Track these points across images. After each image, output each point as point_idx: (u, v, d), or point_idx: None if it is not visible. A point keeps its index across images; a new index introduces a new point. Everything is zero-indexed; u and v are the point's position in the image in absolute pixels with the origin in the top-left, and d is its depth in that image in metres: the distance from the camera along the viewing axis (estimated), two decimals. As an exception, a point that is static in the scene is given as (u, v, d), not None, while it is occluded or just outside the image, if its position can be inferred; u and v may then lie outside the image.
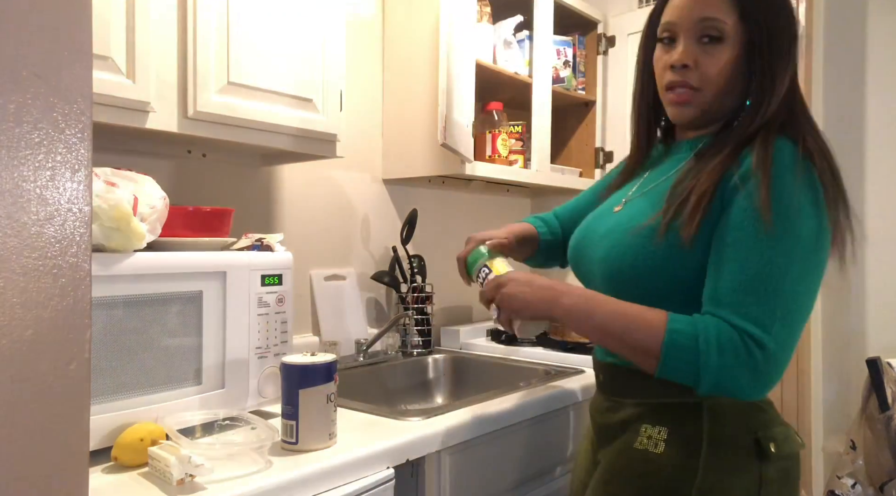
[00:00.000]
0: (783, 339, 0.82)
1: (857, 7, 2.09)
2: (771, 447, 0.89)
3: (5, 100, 0.48)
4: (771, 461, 0.89)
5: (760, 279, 0.82)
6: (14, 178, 0.49)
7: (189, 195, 1.46)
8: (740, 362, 0.81)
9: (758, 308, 0.82)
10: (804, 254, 0.83)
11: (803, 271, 0.83)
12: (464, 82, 1.66)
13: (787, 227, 0.82)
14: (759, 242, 0.83)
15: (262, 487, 0.88)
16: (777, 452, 0.89)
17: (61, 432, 0.52)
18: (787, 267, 0.82)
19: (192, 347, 1.08)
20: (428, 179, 2.03)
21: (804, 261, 0.83)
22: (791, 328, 0.82)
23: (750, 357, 0.81)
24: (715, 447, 0.89)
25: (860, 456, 1.85)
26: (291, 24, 1.30)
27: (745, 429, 0.90)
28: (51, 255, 0.51)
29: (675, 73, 0.94)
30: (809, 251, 0.83)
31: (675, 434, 0.92)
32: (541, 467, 1.40)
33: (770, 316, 0.81)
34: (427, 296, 1.88)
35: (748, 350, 0.81)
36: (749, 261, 0.83)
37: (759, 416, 0.92)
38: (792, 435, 0.94)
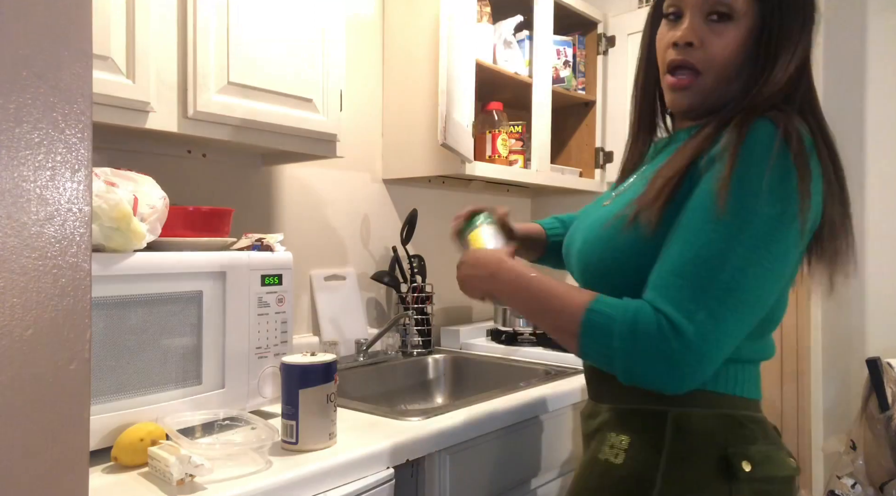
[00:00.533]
0: (708, 330, 0.73)
1: (857, 7, 2.09)
2: (743, 466, 0.80)
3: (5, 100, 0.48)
4: (743, 482, 0.79)
5: (697, 263, 0.74)
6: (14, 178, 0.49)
7: (189, 195, 1.46)
8: (652, 348, 0.73)
9: (685, 292, 0.74)
10: (754, 242, 0.74)
11: (751, 260, 0.74)
12: (464, 82, 1.66)
13: (740, 211, 0.74)
14: (706, 224, 0.75)
15: (262, 487, 0.88)
16: (752, 473, 0.80)
17: (61, 432, 0.52)
18: (728, 253, 0.73)
19: (192, 347, 1.08)
20: (428, 179, 2.03)
21: (753, 249, 0.74)
22: (722, 319, 0.73)
23: (664, 343, 0.73)
24: (676, 461, 0.81)
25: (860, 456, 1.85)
26: (291, 24, 1.30)
27: (713, 444, 0.81)
28: (51, 255, 0.51)
29: (679, 51, 0.86)
30: (762, 239, 0.74)
31: (636, 443, 0.85)
32: (541, 467, 1.40)
33: (696, 302, 0.73)
34: (427, 296, 1.88)
35: (663, 335, 0.73)
36: (691, 243, 0.75)
37: (735, 431, 0.82)
38: (780, 457, 0.84)
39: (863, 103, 2.09)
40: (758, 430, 0.84)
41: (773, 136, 0.76)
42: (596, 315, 0.78)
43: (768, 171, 0.74)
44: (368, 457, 1.02)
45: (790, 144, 0.75)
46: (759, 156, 0.75)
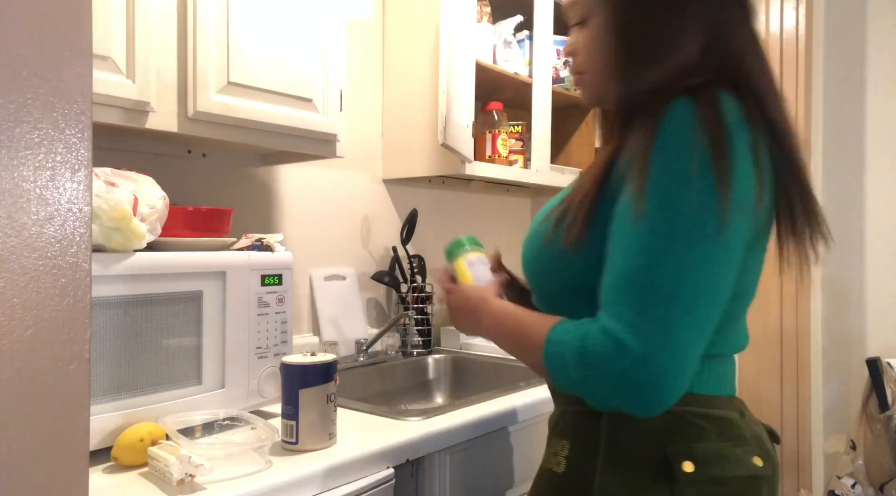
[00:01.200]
0: (659, 341, 0.66)
1: (857, 7, 2.09)
2: (684, 467, 0.73)
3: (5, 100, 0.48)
4: (685, 484, 0.72)
5: (634, 273, 0.69)
6: (14, 178, 0.49)
7: (189, 195, 1.46)
8: (605, 371, 0.68)
9: (628, 306, 0.68)
10: (688, 238, 0.68)
11: (689, 258, 0.67)
12: (464, 82, 1.66)
13: (664, 210, 0.68)
14: (635, 230, 0.69)
15: (262, 487, 0.88)
16: (696, 474, 0.72)
17: (61, 432, 0.52)
18: (664, 256, 0.68)
19: (192, 347, 1.08)
20: (428, 179, 2.03)
21: (689, 246, 0.67)
22: (673, 327, 0.67)
23: (614, 364, 0.67)
24: (610, 465, 0.76)
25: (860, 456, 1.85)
26: (291, 24, 1.30)
27: (651, 444, 0.75)
28: (51, 255, 0.51)
29: (571, 63, 0.89)
30: (695, 234, 0.68)
31: (575, 449, 0.80)
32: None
33: (640, 315, 0.67)
34: (427, 297, 1.88)
35: (611, 356, 0.67)
36: (624, 253, 0.70)
37: (678, 429, 0.75)
38: (736, 455, 0.75)
39: (863, 103, 2.09)
40: (710, 427, 0.76)
41: (685, 118, 0.70)
42: (552, 345, 0.74)
43: (686, 159, 0.68)
44: (368, 457, 1.02)
45: (706, 125, 0.69)
46: (674, 145, 0.69)
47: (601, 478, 0.76)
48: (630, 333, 0.67)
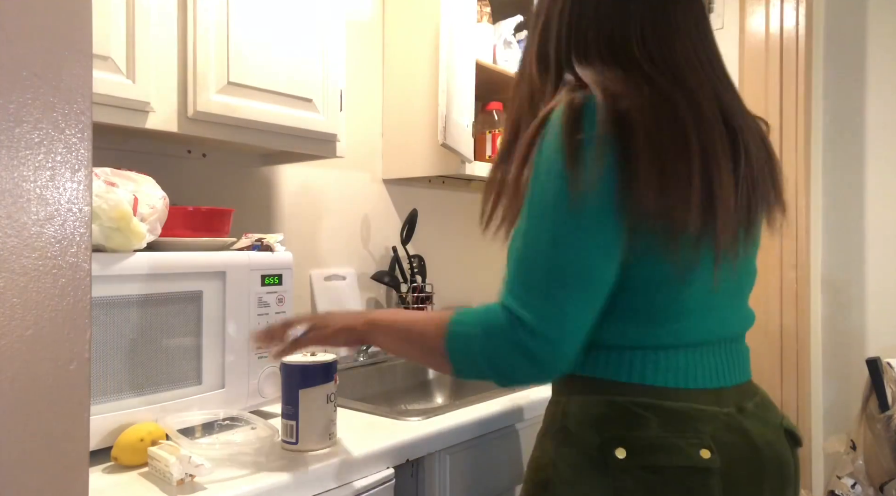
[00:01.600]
0: (545, 313, 0.74)
1: (857, 7, 2.09)
2: (616, 453, 0.75)
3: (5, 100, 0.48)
4: (618, 470, 0.75)
5: (520, 255, 0.77)
6: (14, 178, 0.49)
7: (189, 195, 1.46)
8: (506, 344, 0.75)
9: (518, 284, 0.76)
10: (554, 221, 0.74)
11: (558, 238, 0.74)
12: (464, 82, 1.66)
13: (532, 199, 0.77)
14: (521, 220, 0.78)
15: (262, 487, 0.88)
16: (628, 461, 0.74)
17: (61, 432, 0.52)
18: (538, 238, 0.75)
19: (192, 347, 1.08)
20: (428, 179, 2.03)
21: (557, 227, 0.74)
22: (555, 300, 0.74)
23: (513, 335, 0.74)
24: (563, 449, 0.80)
25: (860, 456, 1.85)
26: (291, 24, 1.30)
27: (593, 431, 0.78)
28: (51, 255, 0.51)
29: None
30: (560, 216, 0.74)
31: (545, 434, 0.86)
32: (541, 467, 1.40)
33: (528, 291, 0.75)
34: (427, 296, 1.88)
35: (510, 329, 0.75)
36: (514, 239, 0.79)
37: (618, 418, 0.77)
38: (676, 446, 0.75)
39: (863, 103, 2.09)
40: (653, 418, 0.76)
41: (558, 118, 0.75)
42: (457, 326, 0.80)
43: (547, 152, 0.75)
44: (368, 457, 1.02)
45: (566, 119, 0.74)
46: (545, 143, 0.76)
47: (556, 459, 0.81)
48: (522, 307, 0.75)
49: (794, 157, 2.03)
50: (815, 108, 2.12)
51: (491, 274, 2.31)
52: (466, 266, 2.21)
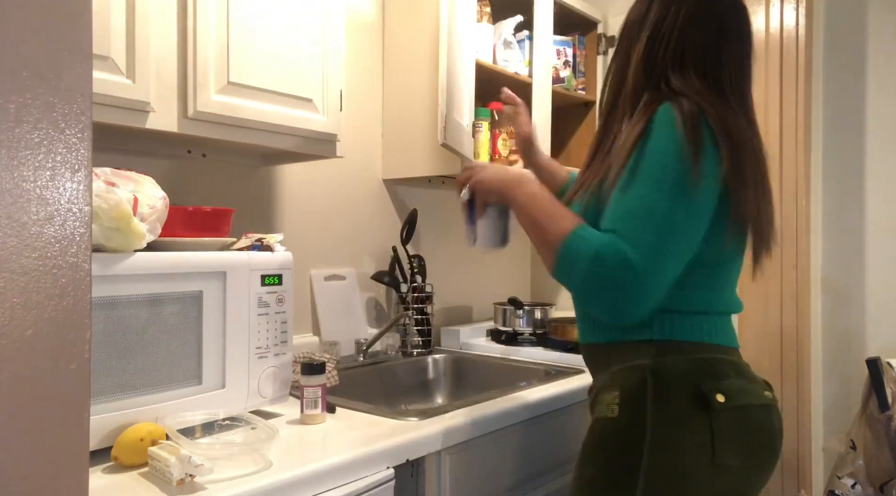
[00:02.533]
0: (651, 263, 0.89)
1: (857, 7, 2.09)
2: (717, 398, 0.93)
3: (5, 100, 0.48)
4: (719, 412, 0.92)
5: (634, 211, 0.91)
6: (14, 178, 0.49)
7: (189, 195, 1.46)
8: (609, 274, 0.89)
9: (632, 234, 0.90)
10: (672, 192, 0.90)
11: (673, 206, 0.90)
12: (464, 82, 1.66)
13: (655, 172, 0.92)
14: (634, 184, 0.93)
15: (262, 487, 0.88)
16: (726, 403, 0.93)
17: (61, 432, 0.52)
18: (656, 202, 0.90)
19: (192, 347, 1.08)
20: (428, 179, 2.03)
21: (673, 197, 0.90)
22: (661, 254, 0.90)
23: (617, 272, 0.88)
24: (660, 403, 0.94)
25: (860, 456, 1.85)
26: (291, 23, 1.30)
27: (688, 383, 0.94)
28: (51, 255, 0.51)
29: None
30: (677, 189, 0.90)
31: (625, 396, 0.97)
32: (541, 467, 1.40)
33: (642, 241, 0.89)
34: (427, 296, 1.88)
35: (618, 264, 0.88)
36: (627, 198, 0.93)
37: (706, 370, 0.96)
38: (753, 389, 0.97)
39: (863, 103, 2.09)
40: (729, 368, 0.98)
41: (671, 115, 0.93)
42: (576, 239, 0.93)
43: (670, 140, 0.92)
44: (368, 457, 1.02)
45: (684, 120, 0.92)
46: (662, 131, 0.93)
47: (653, 412, 0.94)
48: (635, 253, 0.88)
49: (794, 157, 2.03)
50: (815, 108, 2.12)
51: (491, 274, 2.31)
52: (466, 266, 2.21)
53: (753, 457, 0.95)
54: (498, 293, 2.29)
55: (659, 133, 0.93)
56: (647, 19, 1.05)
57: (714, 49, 1.02)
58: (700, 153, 0.91)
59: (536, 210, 1.00)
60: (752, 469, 0.95)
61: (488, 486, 1.27)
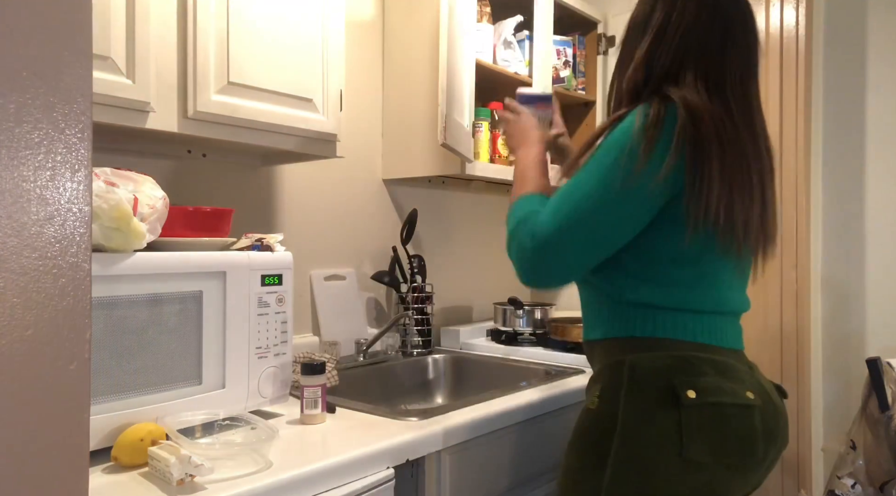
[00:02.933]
0: (551, 238, 0.98)
1: (857, 7, 2.09)
2: (688, 393, 0.94)
3: (5, 100, 0.48)
4: (689, 408, 0.94)
5: (564, 192, 1.00)
6: (14, 178, 0.49)
7: (189, 195, 1.46)
8: (521, 239, 1.01)
9: (551, 208, 1.00)
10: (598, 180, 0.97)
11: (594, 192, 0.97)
12: (464, 82, 1.66)
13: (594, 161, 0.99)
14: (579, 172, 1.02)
15: (262, 487, 0.88)
16: (697, 399, 0.94)
17: (61, 432, 0.52)
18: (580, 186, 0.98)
19: (192, 347, 1.08)
20: (428, 179, 2.03)
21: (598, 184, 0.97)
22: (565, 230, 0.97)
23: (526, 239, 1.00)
24: (631, 396, 0.97)
25: (860, 456, 1.85)
26: (291, 23, 1.30)
27: (661, 378, 0.97)
28: (51, 255, 0.51)
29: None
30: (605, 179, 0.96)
31: (605, 389, 1.02)
32: (541, 467, 1.40)
33: (553, 216, 0.99)
34: (427, 296, 1.88)
35: (527, 233, 1.00)
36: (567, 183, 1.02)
37: (682, 367, 0.98)
38: (731, 388, 0.97)
39: (863, 103, 2.09)
40: (708, 366, 0.98)
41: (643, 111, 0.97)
42: (522, 201, 1.06)
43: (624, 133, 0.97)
44: (368, 457, 1.02)
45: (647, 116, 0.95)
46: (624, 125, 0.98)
47: (625, 405, 0.97)
48: (544, 226, 0.99)
49: (794, 157, 2.03)
50: (815, 108, 2.12)
51: (491, 274, 2.31)
52: (466, 266, 2.21)
53: (728, 456, 0.95)
54: (498, 293, 2.29)
55: (621, 127, 0.98)
56: (651, 20, 1.05)
57: (718, 51, 1.02)
58: (651, 149, 0.94)
59: (518, 169, 1.16)
60: (728, 468, 0.95)
61: (488, 486, 1.27)
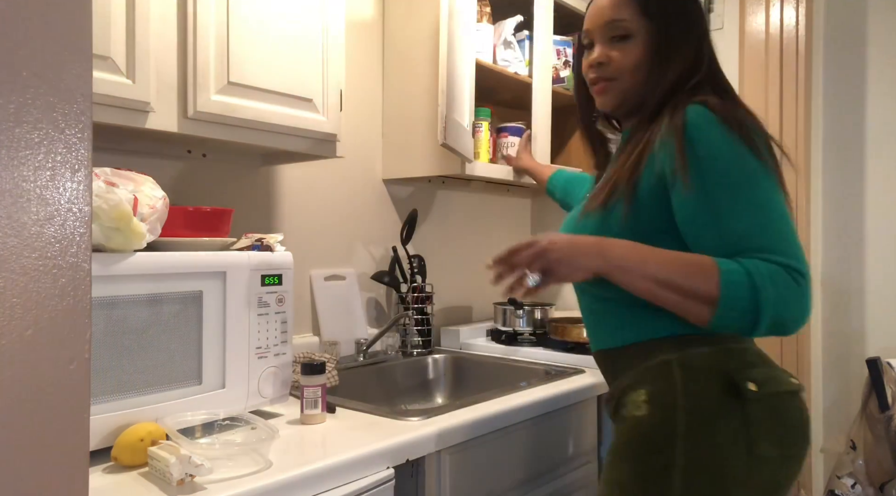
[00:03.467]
0: (803, 263, 0.87)
1: (858, 7, 2.09)
2: (749, 386, 0.91)
3: (5, 100, 0.48)
4: (752, 400, 0.91)
5: (755, 222, 0.88)
6: (14, 178, 0.49)
7: (189, 195, 1.46)
8: (792, 292, 0.85)
9: (774, 243, 0.87)
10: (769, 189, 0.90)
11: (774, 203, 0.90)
12: (464, 82, 1.66)
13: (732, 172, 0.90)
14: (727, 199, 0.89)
15: (261, 487, 0.88)
16: (760, 391, 0.91)
17: (61, 432, 0.52)
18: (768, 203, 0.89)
19: (192, 347, 1.08)
20: (428, 179, 2.03)
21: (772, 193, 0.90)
22: (800, 251, 0.88)
23: (797, 286, 0.85)
24: (690, 395, 0.92)
25: (860, 456, 1.85)
26: (291, 23, 1.30)
27: (719, 374, 0.93)
28: (51, 255, 0.51)
29: (594, 69, 1.07)
30: (772, 184, 0.90)
31: (654, 393, 0.95)
32: (541, 467, 1.40)
33: (788, 246, 0.87)
34: (427, 296, 1.88)
35: (794, 280, 0.85)
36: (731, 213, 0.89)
37: (735, 360, 0.95)
38: (779, 375, 0.96)
39: (863, 103, 2.09)
40: (755, 357, 0.97)
41: (706, 114, 0.91)
42: (733, 274, 0.86)
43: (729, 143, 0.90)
44: (368, 457, 1.02)
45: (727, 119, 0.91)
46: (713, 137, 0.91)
47: (686, 407, 0.92)
48: (794, 260, 0.86)
49: (794, 157, 2.03)
50: (815, 108, 2.12)
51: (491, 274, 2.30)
52: (466, 266, 2.21)
53: (790, 447, 0.93)
54: (498, 293, 2.29)
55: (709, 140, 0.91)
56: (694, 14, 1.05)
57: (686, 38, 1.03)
58: (762, 149, 0.91)
59: (650, 269, 0.90)
60: (789, 459, 0.93)
61: (488, 486, 1.27)
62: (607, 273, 0.92)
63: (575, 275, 0.95)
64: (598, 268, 0.92)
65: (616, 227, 0.97)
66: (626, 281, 0.92)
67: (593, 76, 1.08)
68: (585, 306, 1.10)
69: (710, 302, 0.86)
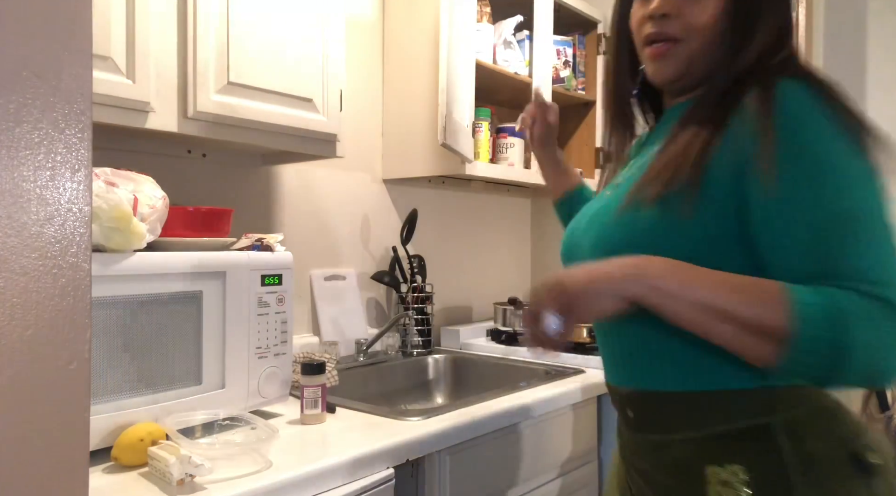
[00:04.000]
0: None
1: (858, 7, 2.09)
2: (871, 458, 0.71)
3: (5, 100, 0.48)
4: (876, 475, 0.72)
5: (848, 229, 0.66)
6: (14, 178, 0.49)
7: (189, 195, 1.46)
8: (892, 335, 0.63)
9: (869, 262, 0.65)
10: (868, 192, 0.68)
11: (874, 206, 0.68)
12: (464, 82, 1.66)
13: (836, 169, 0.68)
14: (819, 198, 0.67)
15: (262, 487, 0.88)
16: (884, 464, 0.72)
17: (61, 432, 0.52)
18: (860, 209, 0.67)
19: (192, 347, 1.08)
20: (428, 179, 2.03)
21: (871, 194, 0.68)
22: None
23: (890, 320, 0.63)
24: (808, 474, 0.71)
25: (860, 456, 1.85)
26: (291, 23, 1.30)
27: (836, 443, 0.72)
28: (51, 255, 0.51)
29: (654, 23, 0.81)
30: (872, 185, 0.68)
31: (756, 470, 0.72)
32: (541, 467, 1.40)
33: (885, 269, 0.65)
34: (427, 296, 1.88)
35: (886, 313, 0.63)
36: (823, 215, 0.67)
37: (841, 424, 0.74)
38: (882, 439, 0.76)
39: (863, 103, 2.09)
40: (851, 417, 0.75)
41: (807, 92, 0.70)
42: (809, 307, 0.64)
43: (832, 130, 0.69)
44: (368, 457, 1.02)
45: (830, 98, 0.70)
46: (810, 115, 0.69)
47: (802, 488, 0.70)
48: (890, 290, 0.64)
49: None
50: (815, 108, 2.12)
51: (491, 274, 2.31)
52: (466, 266, 2.21)
53: None
54: (498, 293, 2.29)
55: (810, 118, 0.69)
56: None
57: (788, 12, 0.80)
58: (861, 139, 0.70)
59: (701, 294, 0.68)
60: None
61: (488, 486, 1.27)
62: (643, 298, 0.70)
63: (603, 304, 0.71)
64: (635, 293, 0.70)
65: (673, 227, 0.74)
66: (670, 307, 0.69)
67: (652, 32, 0.81)
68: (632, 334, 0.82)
69: (779, 339, 0.65)
